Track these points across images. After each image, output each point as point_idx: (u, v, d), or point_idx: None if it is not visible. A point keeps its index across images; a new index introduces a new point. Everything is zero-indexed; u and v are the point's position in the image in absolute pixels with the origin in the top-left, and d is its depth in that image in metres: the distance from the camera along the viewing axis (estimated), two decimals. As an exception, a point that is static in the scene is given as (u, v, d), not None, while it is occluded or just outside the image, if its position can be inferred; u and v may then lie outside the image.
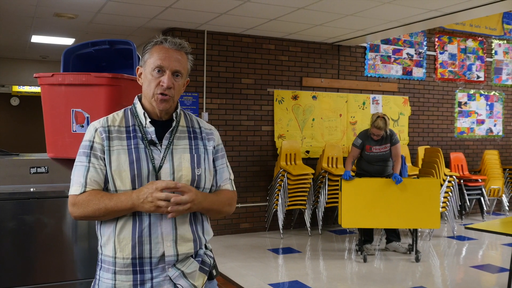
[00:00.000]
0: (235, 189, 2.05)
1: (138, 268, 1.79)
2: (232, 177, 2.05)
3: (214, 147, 1.98)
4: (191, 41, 6.76)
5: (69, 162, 2.80)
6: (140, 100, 1.94)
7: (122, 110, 1.94)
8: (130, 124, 1.88)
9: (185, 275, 1.83)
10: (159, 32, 6.95)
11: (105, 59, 3.10)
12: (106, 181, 1.82)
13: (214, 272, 1.95)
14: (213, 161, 1.97)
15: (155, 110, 1.88)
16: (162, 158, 1.84)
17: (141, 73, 1.91)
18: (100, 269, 1.86)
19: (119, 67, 3.05)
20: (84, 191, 1.79)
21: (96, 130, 1.84)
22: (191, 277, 1.84)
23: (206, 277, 1.90)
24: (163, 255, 1.80)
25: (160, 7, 5.70)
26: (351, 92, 7.96)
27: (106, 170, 1.81)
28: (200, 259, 1.89)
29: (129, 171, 1.80)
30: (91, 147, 1.83)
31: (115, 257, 1.80)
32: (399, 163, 5.87)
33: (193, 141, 1.93)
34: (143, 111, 1.89)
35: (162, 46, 1.86)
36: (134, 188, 1.79)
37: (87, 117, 2.65)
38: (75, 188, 1.81)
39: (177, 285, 1.81)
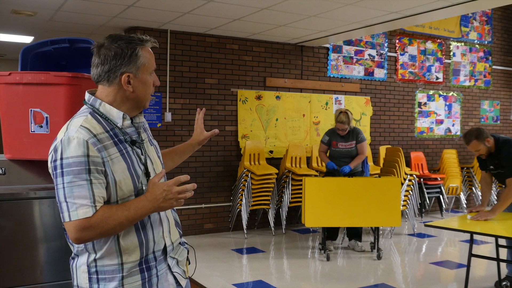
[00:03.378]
0: None
1: (144, 266, 1.79)
2: None
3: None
4: (154, 40, 6.68)
5: (28, 164, 2.74)
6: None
7: (87, 114, 1.76)
8: (109, 129, 1.76)
9: (177, 263, 1.92)
10: (121, 31, 6.85)
11: (65, 58, 3.04)
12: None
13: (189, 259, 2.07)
14: None
15: (129, 111, 1.83)
16: (144, 156, 1.84)
17: (130, 79, 1.78)
18: (98, 282, 1.75)
19: (80, 66, 2.99)
20: (97, 211, 1.65)
21: (86, 143, 1.66)
22: (182, 264, 1.94)
23: (189, 263, 2.02)
24: (164, 246, 1.85)
25: (122, 6, 5.62)
26: (314, 92, 8.04)
27: (108, 182, 1.70)
28: (186, 246, 2.01)
29: (130, 178, 1.74)
30: (89, 162, 1.65)
31: (121, 264, 1.75)
32: (361, 159, 6.11)
33: (145, 134, 1.94)
34: (121, 112, 1.79)
35: (147, 47, 1.83)
36: (137, 193, 1.75)
37: (46, 117, 2.60)
38: (84, 211, 1.63)
39: (174, 273, 1.88)
